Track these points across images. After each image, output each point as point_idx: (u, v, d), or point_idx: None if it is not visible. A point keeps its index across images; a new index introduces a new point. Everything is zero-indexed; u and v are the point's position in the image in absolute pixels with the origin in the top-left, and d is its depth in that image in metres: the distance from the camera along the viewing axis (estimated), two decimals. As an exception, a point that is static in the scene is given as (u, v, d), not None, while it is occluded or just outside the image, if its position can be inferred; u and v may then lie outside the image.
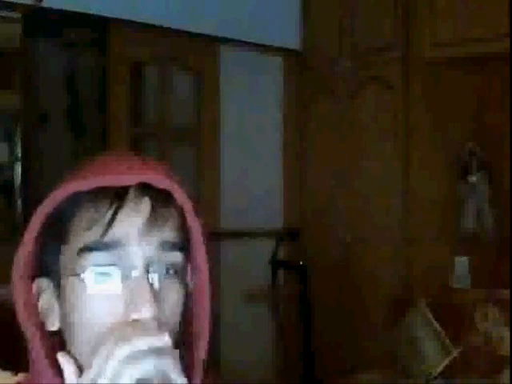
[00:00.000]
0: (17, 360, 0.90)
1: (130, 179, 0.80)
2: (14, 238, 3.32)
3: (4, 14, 3.45)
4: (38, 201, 0.83)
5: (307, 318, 4.19)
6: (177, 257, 0.82)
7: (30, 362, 0.84)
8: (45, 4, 3.48)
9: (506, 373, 3.42)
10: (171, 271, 0.82)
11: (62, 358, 0.78)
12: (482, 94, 3.91)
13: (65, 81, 4.09)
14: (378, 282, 4.20)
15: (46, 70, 3.95)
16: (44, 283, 0.84)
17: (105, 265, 0.79)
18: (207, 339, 0.86)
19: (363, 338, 4.20)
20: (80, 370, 0.77)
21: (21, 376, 0.95)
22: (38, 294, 0.84)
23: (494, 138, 3.86)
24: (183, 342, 0.84)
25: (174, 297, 0.82)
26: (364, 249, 4.29)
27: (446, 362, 3.60)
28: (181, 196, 0.83)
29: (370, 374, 3.80)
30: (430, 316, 3.70)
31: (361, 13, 4.32)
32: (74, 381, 0.76)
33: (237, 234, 4.34)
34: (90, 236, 0.79)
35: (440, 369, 3.61)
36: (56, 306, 0.83)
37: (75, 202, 0.81)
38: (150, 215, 0.80)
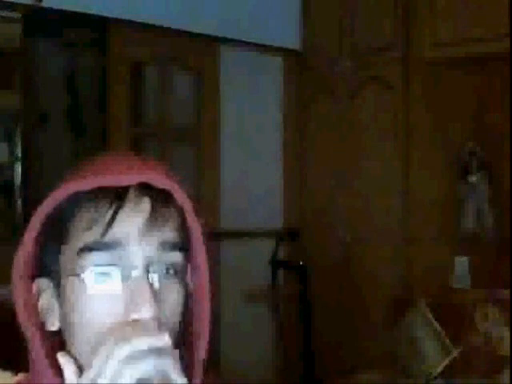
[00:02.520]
0: (17, 360, 0.90)
1: (129, 179, 0.80)
2: (13, 238, 3.33)
3: (4, 14, 3.45)
4: (38, 201, 0.83)
5: (307, 317, 4.19)
6: (177, 257, 0.82)
7: (30, 362, 0.84)
8: (45, 4, 3.48)
9: (506, 373, 3.42)
10: (171, 271, 0.81)
11: (62, 358, 0.78)
12: (482, 94, 3.91)
13: (65, 81, 4.09)
14: (378, 281, 4.20)
15: (45, 69, 3.95)
16: (44, 283, 0.84)
17: (105, 265, 0.79)
18: (207, 339, 0.86)
19: (363, 338, 4.20)
20: (80, 370, 0.77)
21: (20, 376, 0.95)
22: (38, 294, 0.84)
23: (494, 138, 3.86)
24: (183, 342, 0.84)
25: (173, 297, 0.82)
26: (364, 249, 4.29)
27: (446, 361, 3.60)
28: (181, 196, 0.83)
29: (369, 374, 3.80)
30: (430, 316, 3.70)
31: (361, 13, 4.32)
32: (74, 381, 0.76)
33: (237, 234, 4.34)
34: (90, 236, 0.79)
35: (440, 369, 3.61)
36: (56, 306, 0.83)
37: (75, 201, 0.81)
38: (150, 215, 0.80)
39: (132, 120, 4.01)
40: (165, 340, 0.74)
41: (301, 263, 4.26)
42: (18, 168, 3.56)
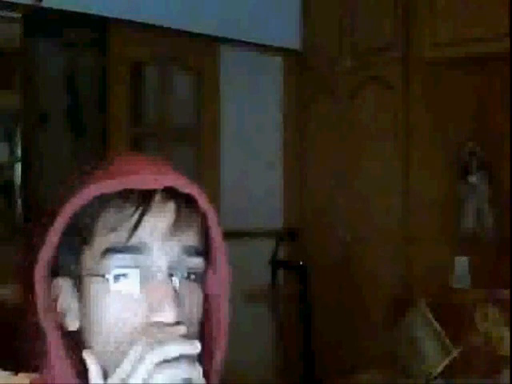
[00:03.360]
0: (17, 360, 0.90)
1: (156, 183, 0.81)
2: (13, 238, 3.33)
3: (4, 14, 3.45)
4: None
5: (307, 317, 4.19)
6: (199, 262, 0.83)
7: (45, 363, 0.83)
8: (45, 4, 3.48)
9: (506, 373, 3.42)
10: (192, 276, 0.82)
11: (88, 357, 0.78)
12: (482, 94, 3.91)
13: (65, 81, 4.09)
14: (378, 281, 4.19)
15: (45, 69, 3.95)
16: (63, 283, 0.84)
17: (129, 267, 0.79)
18: (224, 348, 0.87)
19: (363, 338, 4.20)
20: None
21: (25, 376, 0.94)
22: (57, 294, 0.84)
23: (494, 138, 3.86)
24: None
25: (194, 301, 0.82)
26: (364, 249, 4.29)
27: (446, 361, 3.60)
28: (204, 202, 0.84)
29: (369, 374, 3.80)
30: (430, 316, 3.70)
31: (361, 13, 4.32)
32: (99, 379, 0.77)
33: (237, 234, 4.33)
34: (115, 238, 0.79)
35: (440, 369, 3.61)
36: (76, 306, 0.83)
37: (99, 202, 0.81)
38: (175, 220, 0.81)
39: (132, 120, 4.01)
40: (198, 348, 0.75)
41: (301, 263, 4.26)
42: (18, 168, 3.56)
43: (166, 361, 0.73)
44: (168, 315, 0.77)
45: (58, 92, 4.05)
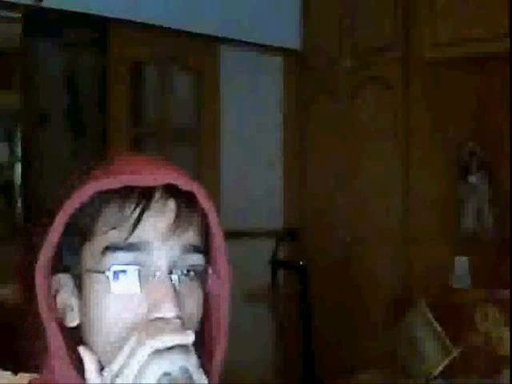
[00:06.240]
0: (17, 360, 0.90)
1: (156, 180, 0.81)
2: (13, 238, 3.33)
3: (4, 13, 3.45)
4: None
5: (307, 317, 4.19)
6: (198, 259, 0.83)
7: (45, 362, 0.83)
8: (45, 4, 3.48)
9: (506, 373, 3.42)
10: (191, 273, 0.82)
11: (84, 352, 0.78)
12: (481, 94, 3.91)
13: (65, 81, 4.09)
14: (378, 281, 4.20)
15: (45, 70, 3.95)
16: (63, 279, 0.84)
17: (129, 264, 0.79)
18: (224, 347, 0.87)
19: (363, 338, 4.20)
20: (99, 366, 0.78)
21: (25, 376, 0.94)
22: (56, 291, 0.85)
23: (494, 138, 3.86)
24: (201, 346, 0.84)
25: (194, 299, 0.82)
26: (364, 249, 4.29)
27: (446, 361, 3.60)
28: (205, 200, 0.83)
29: (369, 373, 3.80)
30: (430, 316, 3.70)
31: (361, 13, 4.32)
32: (94, 374, 0.77)
33: (237, 234, 4.33)
34: (116, 235, 0.79)
35: (440, 369, 3.61)
36: (75, 302, 0.83)
37: (100, 200, 0.81)
38: (175, 218, 0.81)
39: (132, 120, 4.02)
40: (190, 338, 0.75)
41: (301, 263, 4.26)
42: (18, 168, 3.56)
43: (159, 351, 0.73)
44: (168, 311, 0.77)
45: (57, 92, 4.05)
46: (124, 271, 0.79)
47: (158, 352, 0.73)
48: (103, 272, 0.79)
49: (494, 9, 3.66)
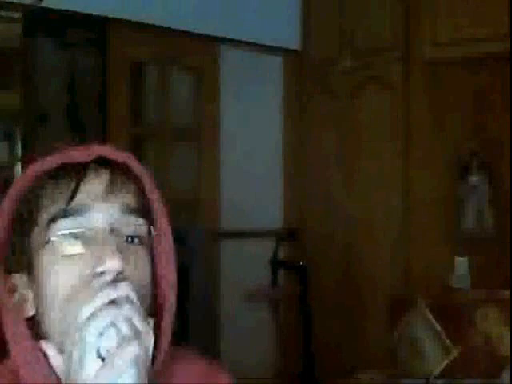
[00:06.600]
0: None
1: (88, 154, 0.87)
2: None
3: (4, 14, 3.45)
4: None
5: (307, 317, 4.19)
6: (139, 223, 0.87)
7: (13, 353, 0.85)
8: (45, 4, 3.48)
9: (506, 373, 3.42)
10: (136, 240, 0.86)
11: (44, 344, 0.81)
12: (481, 94, 3.90)
13: (65, 80, 4.09)
14: (378, 282, 4.19)
15: (45, 69, 3.95)
16: (18, 278, 0.88)
17: (72, 229, 0.83)
18: (173, 310, 0.89)
19: (363, 338, 4.20)
20: (60, 349, 0.80)
21: None
22: (13, 291, 0.88)
23: (494, 138, 3.86)
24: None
25: (140, 264, 0.85)
26: (364, 249, 4.29)
27: (446, 361, 3.60)
28: (138, 167, 0.89)
29: (369, 374, 3.80)
30: (430, 316, 3.70)
31: (361, 13, 4.32)
32: (60, 360, 0.80)
33: (237, 234, 4.33)
34: (56, 207, 0.84)
35: (440, 369, 3.61)
36: (30, 294, 0.86)
37: (40, 186, 0.86)
38: (110, 182, 0.86)
39: (132, 120, 4.01)
40: (122, 289, 0.77)
41: (301, 263, 4.26)
42: (18, 168, 3.56)
43: (95, 313, 0.75)
44: (110, 263, 0.79)
45: (57, 92, 4.05)
46: (68, 235, 0.83)
47: (93, 313, 0.75)
48: (48, 240, 0.83)
49: (494, 9, 3.66)
